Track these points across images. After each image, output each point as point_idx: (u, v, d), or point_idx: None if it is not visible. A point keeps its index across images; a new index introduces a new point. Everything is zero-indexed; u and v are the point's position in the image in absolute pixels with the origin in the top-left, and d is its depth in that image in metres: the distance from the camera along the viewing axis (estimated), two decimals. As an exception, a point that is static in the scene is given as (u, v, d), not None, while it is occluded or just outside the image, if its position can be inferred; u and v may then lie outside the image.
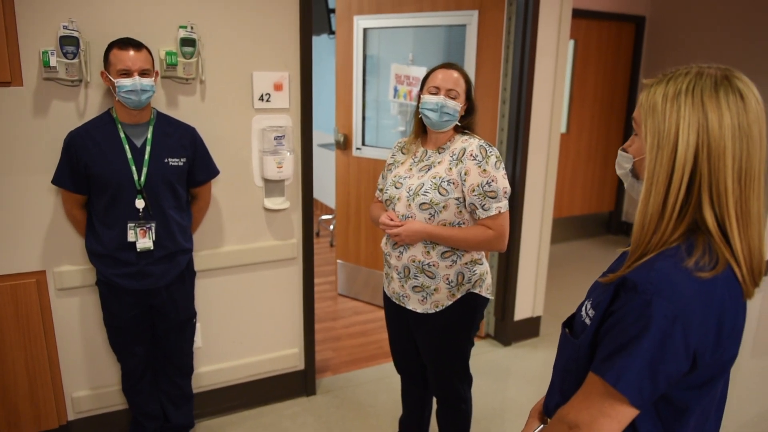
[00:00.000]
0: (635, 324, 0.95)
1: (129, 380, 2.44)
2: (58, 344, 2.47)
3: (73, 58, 2.19)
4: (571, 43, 5.24)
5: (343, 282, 4.31)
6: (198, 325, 2.64)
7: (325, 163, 5.65)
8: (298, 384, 3.01)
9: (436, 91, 2.00)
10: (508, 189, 1.97)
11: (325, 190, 6.13)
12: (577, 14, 4.91)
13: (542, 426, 1.24)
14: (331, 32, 5.11)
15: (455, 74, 2.01)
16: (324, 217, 5.99)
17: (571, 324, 1.17)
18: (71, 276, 2.40)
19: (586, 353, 1.06)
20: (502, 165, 1.96)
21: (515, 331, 3.64)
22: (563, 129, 5.41)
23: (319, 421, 2.84)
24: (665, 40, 5.44)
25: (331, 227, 5.66)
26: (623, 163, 1.13)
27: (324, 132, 5.71)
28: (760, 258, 1.01)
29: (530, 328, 3.70)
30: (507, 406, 3.01)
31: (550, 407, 1.21)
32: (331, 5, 5.12)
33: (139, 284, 2.24)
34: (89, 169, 2.14)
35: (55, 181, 2.20)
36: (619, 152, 1.14)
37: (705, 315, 0.94)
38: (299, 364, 2.99)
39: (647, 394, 0.96)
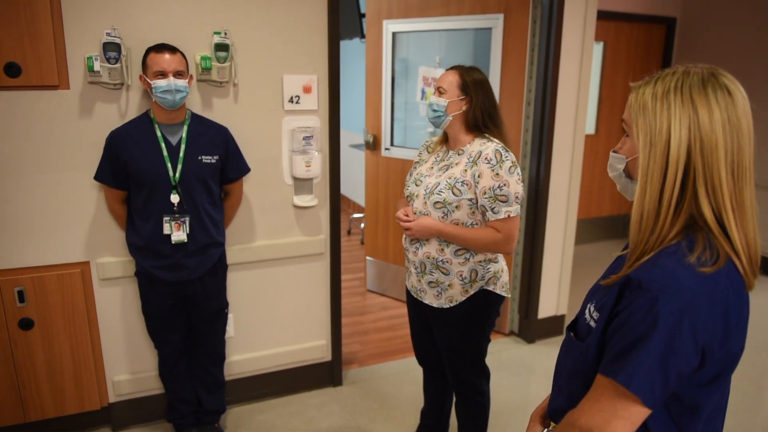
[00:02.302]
0: (643, 322, 0.95)
1: (165, 366, 2.59)
2: (101, 331, 2.63)
3: (115, 63, 2.35)
4: (600, 45, 5.24)
5: (371, 278, 4.42)
6: (230, 316, 2.78)
7: (356, 164, 5.78)
8: (324, 374, 3.13)
9: (435, 91, 2.11)
10: (521, 194, 2.01)
11: (357, 190, 6.26)
12: (606, 16, 4.92)
13: (546, 430, 1.24)
14: (362, 36, 5.23)
15: (449, 75, 2.08)
16: (355, 215, 6.12)
17: (574, 327, 1.17)
18: (113, 267, 2.57)
19: (594, 355, 1.06)
20: (517, 170, 2.00)
21: (539, 329, 3.68)
22: (592, 130, 5.41)
23: (344, 410, 2.94)
24: (696, 42, 5.39)
25: (362, 225, 5.77)
26: (616, 165, 1.14)
27: (355, 133, 5.84)
28: (757, 249, 1.03)
29: (554, 326, 3.74)
30: (529, 401, 3.06)
31: (555, 411, 1.21)
32: (362, 10, 5.24)
33: (174, 276, 2.38)
34: (128, 166, 2.29)
35: (97, 178, 2.37)
36: (611, 154, 1.15)
37: (711, 309, 0.95)
38: (326, 356, 3.10)
39: (659, 392, 0.96)
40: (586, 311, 1.11)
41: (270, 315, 2.93)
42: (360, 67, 5.32)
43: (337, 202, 2.93)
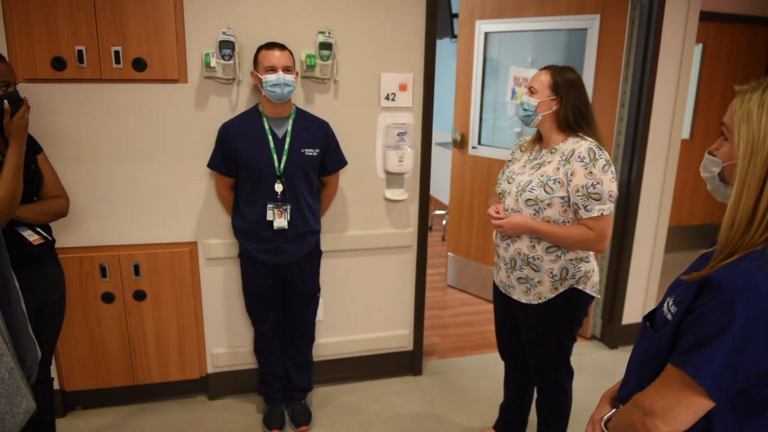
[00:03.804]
0: (718, 321, 0.98)
1: (260, 342, 2.77)
2: (204, 306, 2.85)
3: (229, 60, 2.54)
4: (699, 47, 5.05)
5: (452, 274, 4.49)
6: (321, 300, 2.93)
7: (440, 161, 5.85)
8: (406, 363, 3.23)
9: (527, 90, 2.15)
10: (615, 192, 2.02)
11: (440, 187, 6.33)
12: (707, 17, 4.73)
13: (614, 410, 1.30)
14: (453, 36, 5.29)
15: (541, 75, 2.12)
16: (437, 212, 6.20)
17: (652, 318, 1.21)
18: (218, 248, 2.77)
19: (666, 346, 1.11)
20: (611, 169, 2.01)
21: (622, 335, 3.63)
22: (686, 135, 5.23)
23: (423, 399, 3.04)
24: (809, 44, 5.09)
25: (444, 222, 5.85)
26: (711, 167, 1.16)
27: (441, 131, 5.91)
28: None
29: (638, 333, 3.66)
30: (608, 406, 3.04)
31: (623, 396, 1.26)
32: (454, 10, 5.30)
33: (274, 259, 2.55)
34: (238, 155, 2.47)
35: (210, 165, 2.57)
36: (707, 156, 1.17)
37: None
38: (408, 345, 3.21)
39: (725, 388, 1.00)
40: (665, 304, 1.15)
41: (357, 302, 3.07)
42: (449, 66, 5.38)
43: (426, 196, 3.02)
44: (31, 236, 2.04)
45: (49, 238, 2.13)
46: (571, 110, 2.07)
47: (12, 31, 2.36)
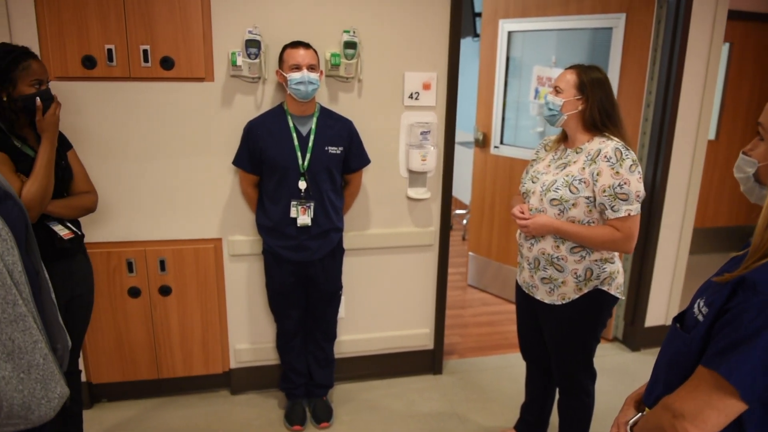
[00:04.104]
0: (753, 322, 0.97)
1: (283, 338, 2.80)
2: (227, 302, 2.89)
3: (254, 59, 2.57)
4: (726, 46, 4.97)
5: (473, 273, 4.48)
6: (343, 298, 2.95)
7: (461, 161, 5.83)
8: (426, 362, 3.24)
9: (552, 89, 2.13)
10: (642, 193, 2.00)
11: (460, 186, 6.32)
12: (735, 16, 4.64)
13: (640, 414, 1.28)
14: (476, 35, 5.27)
15: (567, 74, 2.11)
16: (457, 211, 6.19)
17: (681, 320, 1.20)
18: (242, 245, 2.80)
19: (697, 348, 1.09)
20: (638, 169, 2.00)
21: (645, 338, 3.59)
22: (712, 136, 5.15)
23: (444, 398, 3.04)
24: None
25: (464, 222, 5.84)
26: (745, 167, 1.14)
27: (462, 130, 5.89)
28: None
29: (661, 335, 3.63)
30: (630, 408, 3.01)
31: (650, 398, 1.24)
32: (477, 9, 5.29)
33: (297, 256, 2.57)
34: (263, 153, 2.50)
35: (235, 162, 2.60)
36: (741, 156, 1.15)
37: None
38: (429, 344, 3.21)
39: (759, 389, 0.98)
40: (695, 305, 1.13)
41: (379, 300, 3.08)
42: (471, 65, 5.36)
43: (448, 196, 3.02)
44: (62, 231, 2.09)
45: (79, 232, 2.17)
46: (597, 110, 2.06)
47: (44, 30, 2.41)
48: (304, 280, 2.66)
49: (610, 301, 2.16)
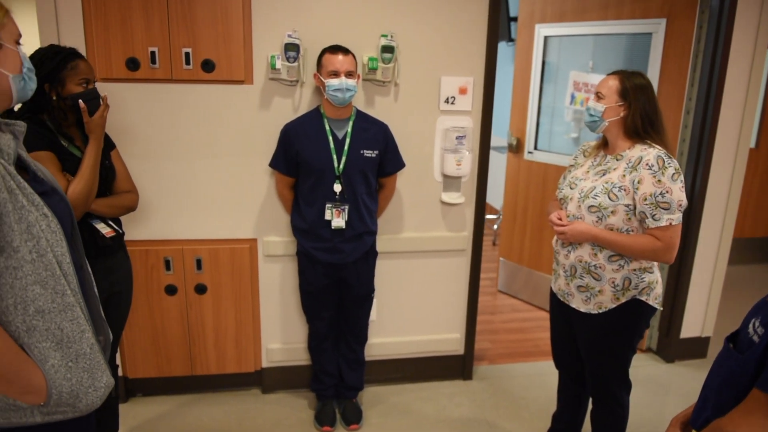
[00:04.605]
0: None
1: (315, 339, 2.82)
2: (261, 302, 2.92)
3: (293, 62, 2.60)
4: (771, 51, 4.85)
5: (504, 279, 4.45)
6: (375, 301, 2.96)
7: (493, 165, 5.78)
8: (456, 367, 3.23)
9: (594, 95, 2.11)
10: (684, 202, 1.97)
11: (491, 191, 6.26)
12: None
13: None
14: (510, 40, 5.24)
15: (610, 80, 2.08)
16: (488, 216, 6.15)
17: (735, 339, 1.17)
18: (276, 246, 2.84)
19: (751, 370, 1.06)
20: (681, 178, 1.96)
21: (680, 349, 3.52)
22: (752, 144, 5.03)
23: (473, 404, 3.03)
24: None
25: (495, 227, 5.80)
26: None
27: (494, 135, 5.85)
28: None
29: (697, 347, 3.56)
30: (663, 422, 2.95)
31: (698, 421, 1.21)
32: (512, 13, 5.25)
33: (331, 258, 2.59)
34: (299, 155, 2.52)
35: (271, 164, 2.63)
36: None
37: None
38: (459, 349, 3.20)
39: None
40: (750, 325, 1.11)
41: (410, 303, 3.08)
42: (504, 69, 5.33)
43: (482, 201, 3.01)
44: (104, 229, 2.14)
45: (120, 230, 2.22)
46: (639, 117, 2.03)
47: (91, 32, 2.47)
48: (337, 282, 2.68)
49: (648, 311, 2.12)
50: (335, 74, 2.42)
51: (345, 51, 2.46)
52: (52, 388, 1.17)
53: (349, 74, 2.43)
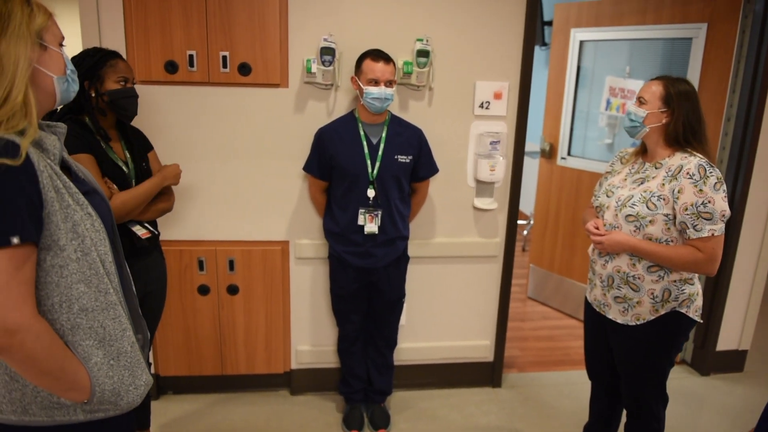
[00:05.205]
0: None
1: (344, 343, 2.82)
2: (292, 304, 2.94)
3: (329, 66, 2.60)
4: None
5: (534, 286, 4.40)
6: (405, 306, 2.95)
7: (525, 171, 5.73)
8: (485, 374, 3.20)
9: (636, 100, 2.07)
10: (727, 212, 1.91)
11: (522, 197, 6.21)
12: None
13: None
14: (543, 44, 5.19)
15: (653, 85, 2.03)
16: (518, 222, 6.10)
17: None
18: (308, 248, 2.85)
19: None
20: (723, 187, 1.91)
21: (715, 362, 3.44)
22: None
23: (502, 412, 3.00)
24: None
25: (525, 232, 5.75)
26: None
27: (526, 140, 5.80)
28: None
29: (734, 361, 3.47)
30: (699, 435, 2.89)
31: None
32: (546, 18, 5.20)
33: (363, 262, 2.59)
34: (333, 160, 2.52)
35: (305, 168, 2.64)
36: None
37: None
38: (489, 356, 3.17)
39: None
40: None
41: (440, 309, 3.07)
42: (538, 74, 5.27)
43: (515, 207, 2.98)
44: (140, 231, 2.17)
45: (156, 232, 2.25)
46: (681, 124, 1.98)
47: (131, 36, 2.52)
48: (368, 286, 2.68)
49: (688, 324, 2.07)
50: (375, 82, 2.40)
51: (387, 59, 2.43)
52: (95, 385, 1.18)
53: (389, 83, 2.42)
